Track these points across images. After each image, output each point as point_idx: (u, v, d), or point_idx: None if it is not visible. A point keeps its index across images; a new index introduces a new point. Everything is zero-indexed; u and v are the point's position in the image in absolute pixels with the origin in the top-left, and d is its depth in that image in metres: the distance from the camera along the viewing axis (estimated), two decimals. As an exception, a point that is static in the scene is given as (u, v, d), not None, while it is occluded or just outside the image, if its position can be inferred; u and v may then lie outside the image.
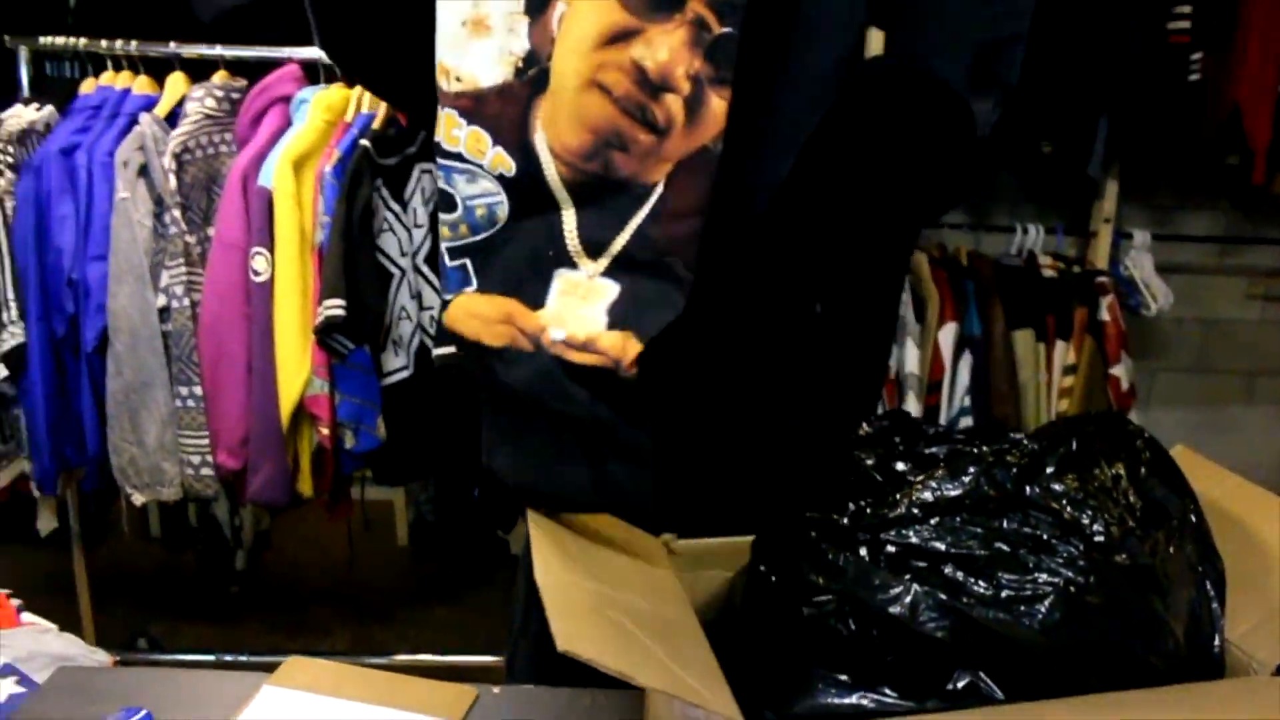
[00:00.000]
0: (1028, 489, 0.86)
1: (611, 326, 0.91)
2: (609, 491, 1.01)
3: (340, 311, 1.95)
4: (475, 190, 0.93)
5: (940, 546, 0.83)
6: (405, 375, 2.17)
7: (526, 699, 1.05)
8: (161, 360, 2.10)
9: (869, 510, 0.87)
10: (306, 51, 2.19)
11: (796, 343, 1.12)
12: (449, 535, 3.14)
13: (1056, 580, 0.81)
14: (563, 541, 0.90)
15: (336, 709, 1.01)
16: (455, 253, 0.96)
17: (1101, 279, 3.06)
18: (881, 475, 0.93)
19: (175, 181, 2.07)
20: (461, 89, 0.90)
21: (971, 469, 0.87)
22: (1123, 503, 0.87)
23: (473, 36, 0.88)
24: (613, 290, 0.92)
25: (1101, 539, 0.83)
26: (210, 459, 2.11)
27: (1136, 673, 0.83)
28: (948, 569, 0.82)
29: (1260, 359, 3.69)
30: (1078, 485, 0.86)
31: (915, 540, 0.84)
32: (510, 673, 1.26)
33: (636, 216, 0.90)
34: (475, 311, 0.96)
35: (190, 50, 2.24)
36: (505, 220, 0.94)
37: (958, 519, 0.85)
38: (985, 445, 0.90)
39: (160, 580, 3.18)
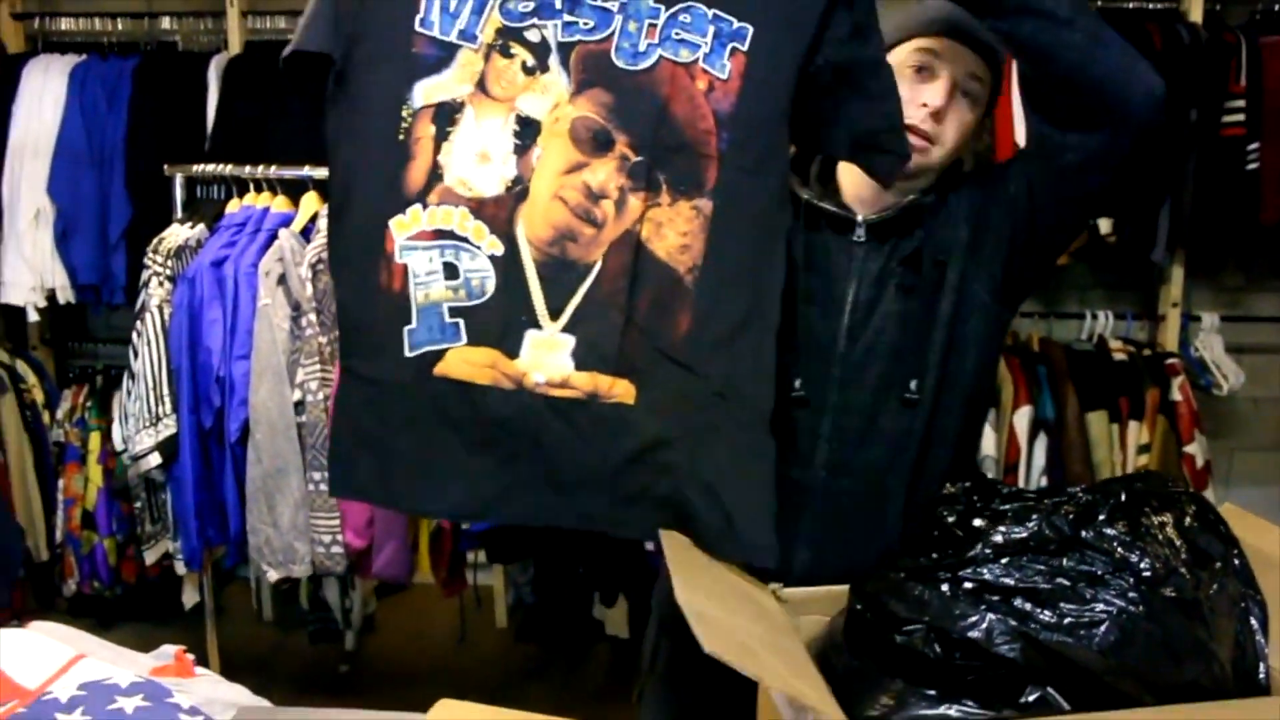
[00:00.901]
0: (1083, 532, 1.01)
1: (579, 368, 1.28)
2: (573, 516, 1.33)
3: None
4: (474, 266, 1.29)
5: (1010, 582, 0.99)
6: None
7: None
8: (296, 449, 2.33)
9: (950, 554, 1.03)
10: (424, 170, 2.45)
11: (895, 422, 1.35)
12: (548, 616, 3.28)
13: (1111, 609, 0.96)
14: (696, 569, 1.06)
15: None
16: (454, 312, 1.30)
17: (1172, 360, 3.15)
18: (961, 530, 1.09)
19: (311, 289, 2.32)
20: (471, 195, 1.29)
21: (1034, 516, 1.02)
22: (1169, 546, 1.02)
23: (480, 164, 1.30)
24: (570, 341, 1.29)
25: (1149, 574, 0.97)
26: (340, 538, 2.32)
27: (1185, 692, 0.96)
28: (1017, 600, 0.98)
29: (1339, 437, 3.69)
30: (1127, 530, 1.01)
31: (989, 577, 0.99)
32: (640, 708, 1.43)
33: (582, 287, 1.29)
34: (467, 359, 1.30)
35: (322, 172, 2.51)
36: (492, 291, 1.30)
37: (1024, 558, 1.00)
38: (1047, 499, 1.06)
39: (273, 660, 3.37)
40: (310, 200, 2.50)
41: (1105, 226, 3.10)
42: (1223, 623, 1.01)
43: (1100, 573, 0.98)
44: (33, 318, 3.27)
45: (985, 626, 0.97)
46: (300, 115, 3.09)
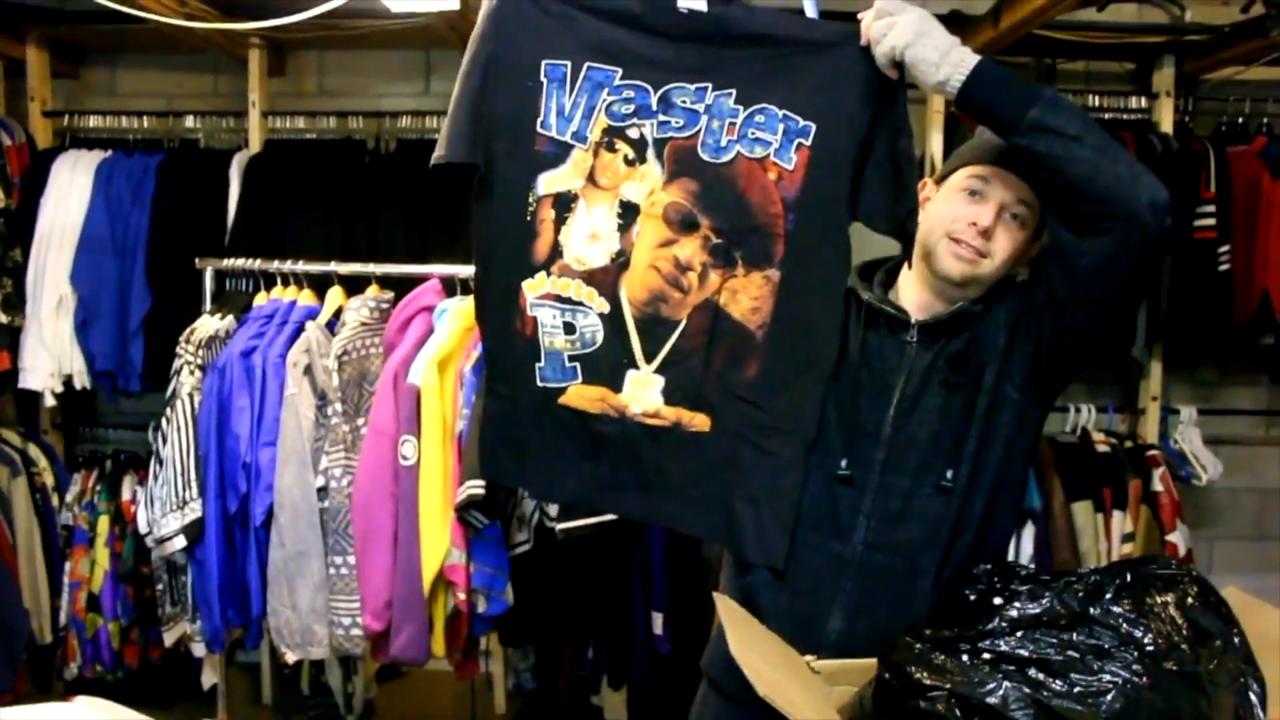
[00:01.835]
0: (1092, 609, 1.11)
1: (667, 402, 1.60)
2: (654, 513, 1.73)
3: (480, 490, 2.25)
4: (586, 322, 1.61)
5: (1025, 653, 1.09)
6: (527, 548, 2.46)
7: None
8: (318, 533, 2.41)
9: (970, 627, 1.13)
10: (445, 268, 2.58)
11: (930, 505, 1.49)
12: (547, 702, 3.32)
13: (1117, 680, 1.06)
14: (748, 632, 1.17)
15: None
16: (572, 359, 1.62)
17: (1152, 452, 3.27)
18: (980, 607, 1.21)
19: (337, 379, 2.42)
20: (584, 269, 1.60)
21: (1047, 594, 1.13)
22: (1171, 623, 1.12)
23: (591, 242, 1.60)
24: (661, 381, 1.60)
25: (1152, 649, 1.08)
26: (359, 620, 2.38)
27: (1188, 757, 1.06)
28: (1031, 670, 1.08)
29: (1316, 526, 3.80)
30: (1133, 608, 1.11)
31: (1005, 648, 1.10)
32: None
33: (671, 338, 1.59)
34: (583, 394, 1.63)
35: (346, 268, 2.64)
36: (601, 341, 1.61)
37: (1037, 632, 1.10)
38: (1062, 580, 1.17)
39: (275, 746, 3.39)
40: (335, 294, 2.62)
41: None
42: (1223, 696, 1.11)
43: (1107, 646, 1.08)
44: (49, 402, 3.35)
45: (1002, 694, 1.07)
46: (317, 212, 3.25)
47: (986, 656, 1.09)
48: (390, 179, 3.28)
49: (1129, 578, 1.16)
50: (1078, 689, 1.06)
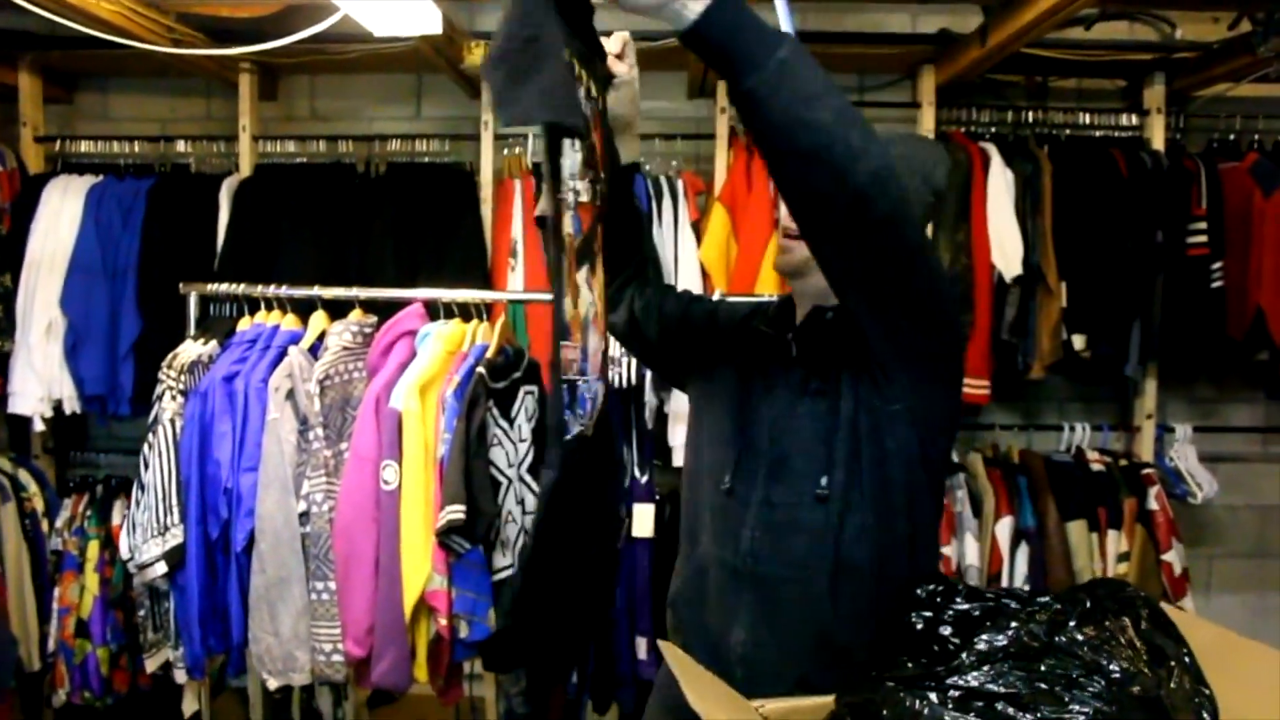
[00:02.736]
0: (1057, 638, 1.09)
1: None
2: None
3: (460, 515, 2.23)
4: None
5: (994, 688, 1.06)
6: (511, 573, 2.43)
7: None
8: (300, 559, 2.38)
9: (937, 662, 1.11)
10: (428, 292, 2.57)
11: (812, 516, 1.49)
12: (539, 727, 3.29)
13: (1086, 710, 1.03)
14: (700, 680, 1.15)
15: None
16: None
17: (1147, 471, 3.25)
18: (929, 637, 1.19)
19: (319, 404, 2.41)
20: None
21: (1013, 625, 1.11)
22: (1131, 648, 1.10)
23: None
24: None
25: (1118, 676, 1.05)
26: (340, 646, 2.36)
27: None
28: (1000, 705, 1.05)
29: (1316, 544, 3.77)
30: (1095, 634, 1.09)
31: (974, 684, 1.07)
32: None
33: None
34: None
35: (329, 292, 2.63)
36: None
37: (1005, 665, 1.08)
38: (1015, 603, 1.15)
39: (265, 773, 3.36)
40: (318, 319, 2.61)
41: (1079, 343, 3.24)
42: (1182, 715, 1.09)
43: (1075, 675, 1.06)
44: (39, 427, 3.34)
45: (971, 730, 1.04)
46: (306, 235, 3.24)
47: (955, 694, 1.06)
48: (380, 202, 3.27)
49: (1089, 604, 1.14)
50: (1045, 721, 1.03)
